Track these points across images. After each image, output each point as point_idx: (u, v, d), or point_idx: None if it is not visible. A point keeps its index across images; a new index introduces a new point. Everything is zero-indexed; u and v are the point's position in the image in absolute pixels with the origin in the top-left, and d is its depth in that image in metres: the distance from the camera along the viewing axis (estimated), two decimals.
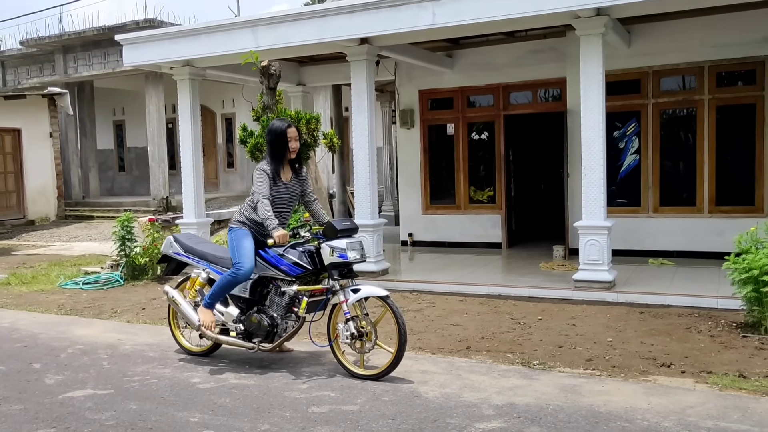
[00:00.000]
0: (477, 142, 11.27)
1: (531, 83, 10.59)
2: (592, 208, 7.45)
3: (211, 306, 5.27)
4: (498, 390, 4.49)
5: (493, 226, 10.94)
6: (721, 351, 5.22)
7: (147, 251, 9.43)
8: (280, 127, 5.17)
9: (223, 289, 5.18)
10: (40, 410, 4.40)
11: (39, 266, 11.19)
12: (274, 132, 5.18)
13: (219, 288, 5.17)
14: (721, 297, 6.62)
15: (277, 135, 5.16)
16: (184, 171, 9.92)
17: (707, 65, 9.16)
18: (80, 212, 18.80)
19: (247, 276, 5.05)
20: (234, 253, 5.10)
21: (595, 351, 5.34)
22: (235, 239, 5.14)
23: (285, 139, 5.13)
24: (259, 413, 4.21)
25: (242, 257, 5.04)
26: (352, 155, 8.90)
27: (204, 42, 9.08)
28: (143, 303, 7.93)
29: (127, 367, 5.31)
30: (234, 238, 5.15)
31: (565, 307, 6.91)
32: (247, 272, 5.02)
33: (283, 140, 5.13)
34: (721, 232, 8.68)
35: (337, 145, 8.60)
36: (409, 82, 11.43)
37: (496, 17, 7.35)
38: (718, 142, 9.20)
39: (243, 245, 5.09)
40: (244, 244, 5.09)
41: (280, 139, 5.14)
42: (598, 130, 7.37)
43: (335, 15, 8.14)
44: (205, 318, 5.24)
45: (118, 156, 23.68)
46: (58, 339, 6.35)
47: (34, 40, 19.33)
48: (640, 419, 3.91)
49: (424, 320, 6.51)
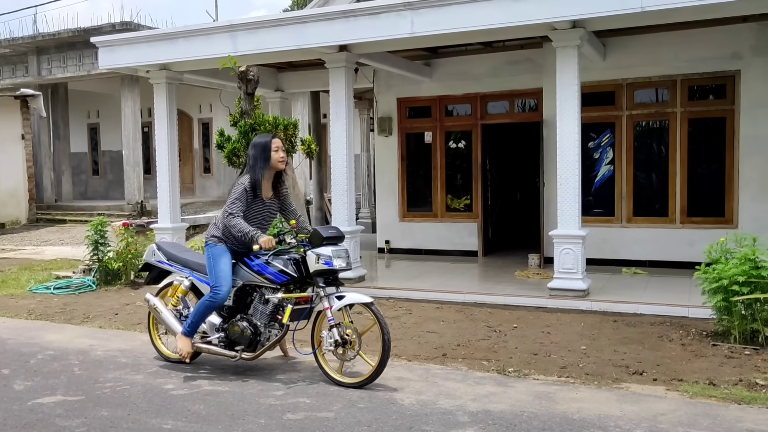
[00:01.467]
0: (454, 151, 11.35)
1: (508, 93, 10.69)
2: (567, 218, 7.53)
3: (191, 334, 5.17)
4: (473, 397, 4.51)
5: (469, 234, 11.00)
6: (692, 359, 5.31)
7: (120, 256, 9.31)
8: (265, 140, 5.09)
9: (202, 315, 5.10)
10: (9, 417, 4.32)
11: (9, 270, 10.98)
12: (258, 145, 5.07)
13: (198, 314, 5.09)
14: (692, 306, 6.73)
15: (261, 147, 5.05)
16: (160, 175, 9.83)
17: (680, 79, 9.34)
18: (52, 216, 18.49)
19: (224, 299, 5.00)
20: (211, 274, 5.03)
21: (569, 359, 5.39)
22: (212, 257, 5.05)
23: (269, 151, 5.03)
24: (234, 420, 4.18)
25: (219, 279, 4.97)
26: (330, 162, 8.90)
27: (182, 46, 9.03)
28: (116, 308, 7.82)
29: (98, 374, 5.23)
30: (211, 256, 5.06)
31: (540, 315, 6.97)
32: (224, 296, 4.97)
33: (267, 153, 5.03)
34: (693, 243, 8.84)
35: (315, 152, 8.59)
36: (388, 90, 11.48)
37: (474, 27, 7.43)
38: (689, 154, 9.38)
39: (220, 266, 5.00)
40: (221, 264, 5.00)
41: (264, 151, 5.03)
42: (574, 140, 7.47)
43: (315, 22, 8.15)
44: (183, 346, 5.14)
45: (92, 159, 23.36)
46: (27, 344, 6.23)
47: (7, 41, 19.01)
48: (613, 426, 3.95)
49: (400, 327, 6.52)
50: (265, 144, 5.07)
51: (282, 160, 5.10)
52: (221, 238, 5.09)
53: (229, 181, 20.16)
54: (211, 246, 5.10)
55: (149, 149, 19.71)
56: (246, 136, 7.69)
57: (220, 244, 5.09)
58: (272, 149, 5.05)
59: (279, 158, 5.08)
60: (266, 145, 5.06)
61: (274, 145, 5.07)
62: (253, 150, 5.09)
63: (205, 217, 16.05)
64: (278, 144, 5.11)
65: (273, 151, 5.05)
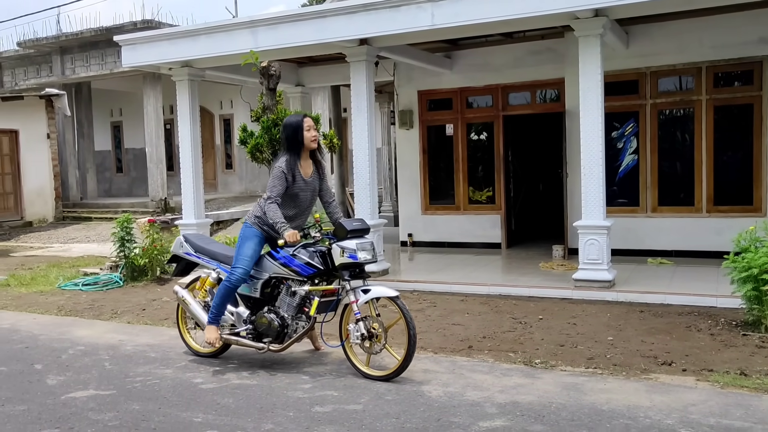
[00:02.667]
0: (476, 143, 11.30)
1: (529, 84, 10.61)
2: (591, 208, 7.47)
3: (216, 321, 5.23)
4: (501, 389, 4.50)
5: (492, 226, 10.96)
6: (722, 349, 5.25)
7: (146, 252, 9.42)
8: (296, 120, 5.14)
9: (223, 299, 5.16)
10: (43, 411, 4.41)
11: (38, 267, 11.18)
12: (290, 125, 5.13)
13: (219, 299, 5.16)
14: (721, 296, 6.65)
15: (293, 128, 5.10)
16: (184, 172, 9.92)
17: (705, 66, 9.19)
18: (78, 214, 18.76)
19: (241, 280, 5.04)
20: (236, 253, 5.12)
21: (596, 350, 5.36)
22: (242, 238, 5.14)
23: (301, 130, 5.08)
24: (263, 413, 4.22)
25: (239, 260, 5.05)
26: (351, 156, 8.91)
27: (203, 42, 9.09)
28: (143, 304, 7.92)
29: (128, 368, 5.31)
30: (242, 236, 5.15)
31: (565, 306, 6.93)
32: (240, 276, 5.02)
33: (299, 132, 5.07)
34: (720, 232, 8.71)
35: (337, 146, 8.60)
36: (408, 83, 11.45)
37: (495, 18, 7.37)
38: (715, 142, 9.24)
39: (243, 248, 5.08)
40: (245, 247, 5.07)
41: (296, 131, 5.08)
42: (597, 130, 7.40)
43: (335, 16, 8.15)
44: (209, 335, 5.21)
45: (115, 157, 23.65)
46: (58, 340, 6.35)
47: (32, 41, 19.29)
48: (643, 417, 3.93)
49: (425, 320, 6.53)
50: (297, 124, 5.12)
51: (314, 138, 5.15)
52: (259, 221, 5.14)
53: (251, 177, 20.31)
54: (248, 227, 5.18)
55: (172, 146, 19.90)
56: (269, 132, 7.72)
57: (254, 227, 5.15)
58: (304, 128, 5.10)
59: (311, 137, 5.13)
60: (298, 125, 5.10)
61: (306, 125, 5.11)
62: (285, 131, 5.15)
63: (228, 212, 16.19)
64: (310, 123, 5.15)
65: (305, 130, 5.10)
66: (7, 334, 6.64)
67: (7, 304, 8.26)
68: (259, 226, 5.14)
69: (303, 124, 5.10)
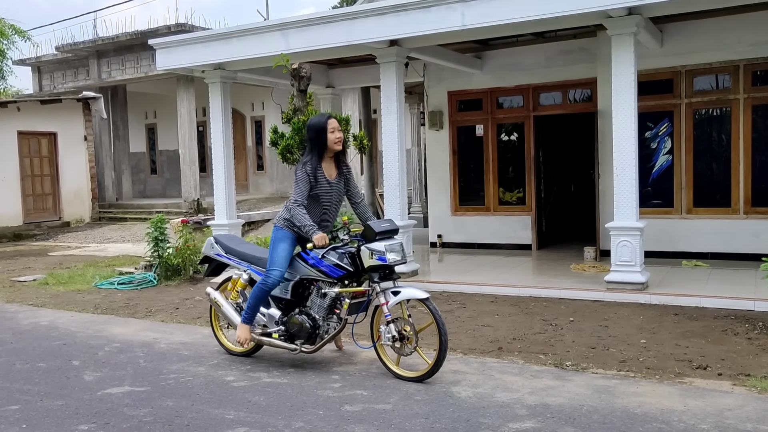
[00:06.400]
0: (506, 144, 11.23)
1: (561, 84, 10.52)
2: (624, 209, 7.37)
3: (250, 321, 5.24)
4: (531, 390, 4.47)
5: (522, 228, 10.88)
6: (759, 354, 5.13)
7: (180, 252, 9.57)
8: (320, 121, 5.08)
9: (258, 300, 5.17)
10: (80, 406, 4.51)
11: (75, 267, 11.44)
12: (314, 127, 5.07)
13: (254, 300, 5.17)
14: (759, 299, 6.50)
15: (318, 129, 5.04)
16: (216, 173, 10.05)
17: (742, 64, 9.00)
18: (113, 214, 19.15)
19: (276, 283, 5.05)
20: (269, 257, 5.13)
21: (628, 353, 5.29)
22: (274, 241, 5.14)
23: (325, 132, 5.01)
24: (293, 411, 4.26)
25: (273, 263, 5.05)
26: (381, 157, 8.93)
27: (236, 45, 9.20)
28: (177, 303, 8.05)
29: (162, 365, 5.41)
30: (274, 239, 5.15)
31: (597, 308, 6.85)
32: (275, 279, 5.03)
33: (323, 134, 5.01)
34: (758, 234, 8.53)
35: (367, 147, 8.63)
36: (438, 84, 11.44)
37: (526, 18, 7.32)
38: (753, 142, 9.03)
39: (277, 250, 5.07)
40: (278, 249, 5.07)
41: (320, 133, 5.03)
42: (630, 130, 7.30)
43: (365, 17, 8.19)
44: (241, 334, 5.23)
45: (150, 159, 24.08)
46: (95, 337, 6.49)
47: (69, 46, 19.77)
48: (677, 421, 3.86)
49: (455, 321, 6.51)
50: (321, 125, 5.05)
51: (338, 140, 5.07)
52: (288, 223, 5.12)
53: (281, 178, 20.48)
54: (278, 229, 5.18)
55: (204, 148, 20.18)
56: (299, 133, 7.78)
57: (285, 230, 5.14)
58: (328, 130, 5.03)
59: (335, 139, 5.05)
60: (322, 127, 5.04)
61: (330, 126, 5.04)
62: (309, 132, 5.11)
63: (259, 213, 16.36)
64: (334, 125, 5.07)
65: (329, 132, 5.03)
66: (46, 332, 6.81)
67: (46, 302, 8.47)
68: (289, 228, 5.14)
69: (327, 125, 5.03)
